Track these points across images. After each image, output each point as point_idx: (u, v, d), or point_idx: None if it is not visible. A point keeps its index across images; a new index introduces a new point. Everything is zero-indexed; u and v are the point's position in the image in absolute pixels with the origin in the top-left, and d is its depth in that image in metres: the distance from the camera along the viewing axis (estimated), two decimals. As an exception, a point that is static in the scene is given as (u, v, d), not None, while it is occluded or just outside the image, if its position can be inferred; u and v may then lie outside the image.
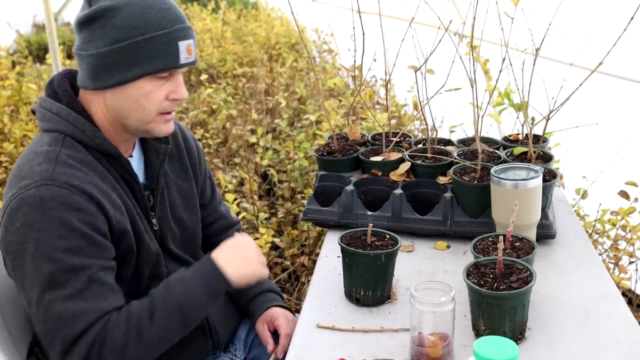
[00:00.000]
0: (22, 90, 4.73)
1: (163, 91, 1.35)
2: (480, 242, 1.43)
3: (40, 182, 1.24)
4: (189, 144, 1.61)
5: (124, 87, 1.32)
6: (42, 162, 1.28)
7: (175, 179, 1.55)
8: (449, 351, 1.22)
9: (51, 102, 1.37)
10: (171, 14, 1.33)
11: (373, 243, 1.44)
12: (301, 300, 2.74)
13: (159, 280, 1.45)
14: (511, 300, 1.22)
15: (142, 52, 1.29)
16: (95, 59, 1.30)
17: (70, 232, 1.23)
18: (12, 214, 1.24)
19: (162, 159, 1.49)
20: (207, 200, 1.69)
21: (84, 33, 1.32)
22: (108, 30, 1.29)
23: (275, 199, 3.52)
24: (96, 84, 1.33)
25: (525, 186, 1.51)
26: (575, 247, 1.66)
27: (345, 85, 4.92)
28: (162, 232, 1.49)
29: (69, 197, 1.24)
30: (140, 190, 1.42)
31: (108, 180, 1.35)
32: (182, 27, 1.33)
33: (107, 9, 1.29)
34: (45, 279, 1.22)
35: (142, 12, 1.29)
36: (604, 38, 1.76)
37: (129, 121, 1.36)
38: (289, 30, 7.93)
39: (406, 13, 1.94)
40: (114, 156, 1.37)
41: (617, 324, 1.33)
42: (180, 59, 1.33)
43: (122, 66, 1.30)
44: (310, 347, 1.30)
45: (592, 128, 1.99)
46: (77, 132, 1.34)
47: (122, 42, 1.28)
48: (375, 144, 2.03)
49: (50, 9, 3.30)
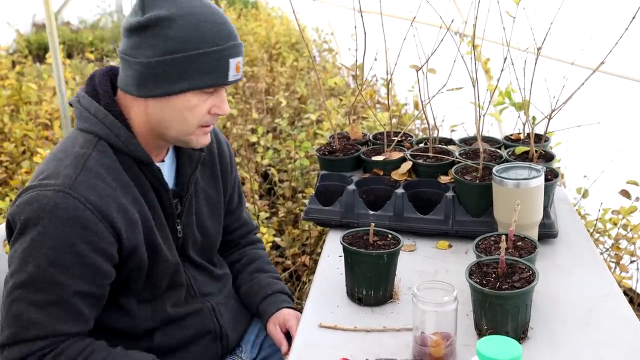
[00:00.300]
0: (22, 90, 4.74)
1: (206, 105, 1.33)
2: (483, 241, 1.43)
3: (60, 188, 1.24)
4: (222, 150, 1.60)
5: (170, 98, 1.30)
6: (69, 164, 1.28)
7: (205, 186, 1.54)
8: (451, 351, 1.22)
9: (90, 101, 1.35)
10: (225, 30, 1.30)
11: (375, 243, 1.44)
12: (302, 299, 2.74)
13: (178, 288, 1.46)
14: (514, 299, 1.22)
15: (193, 67, 1.27)
16: (144, 68, 1.28)
17: (66, 248, 1.23)
18: (24, 205, 1.24)
19: (194, 167, 1.48)
20: (234, 207, 1.69)
21: (133, 39, 1.29)
22: (161, 40, 1.26)
23: (276, 199, 3.52)
24: (141, 92, 1.31)
25: (527, 185, 1.51)
26: (577, 246, 1.66)
27: (346, 85, 4.92)
28: (185, 240, 1.49)
29: (81, 212, 1.24)
30: (169, 199, 1.42)
31: (131, 193, 1.33)
32: (235, 44, 1.31)
33: (161, 18, 1.26)
34: (24, 277, 1.23)
35: (198, 25, 1.27)
36: (606, 37, 1.76)
37: (169, 131, 1.35)
38: (289, 29, 7.92)
39: (407, 12, 1.94)
40: (146, 163, 1.36)
41: (619, 323, 1.33)
42: (229, 76, 1.31)
43: (171, 78, 1.28)
44: (312, 346, 1.30)
45: (593, 128, 1.99)
46: (112, 136, 1.32)
47: (175, 54, 1.26)
48: (376, 143, 2.03)
49: (51, 9, 3.30)
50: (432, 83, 1.89)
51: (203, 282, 1.55)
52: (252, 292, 1.64)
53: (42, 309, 1.24)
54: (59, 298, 1.25)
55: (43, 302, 1.24)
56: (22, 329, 1.24)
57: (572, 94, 1.70)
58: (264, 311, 1.61)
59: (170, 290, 1.46)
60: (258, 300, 1.62)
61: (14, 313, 1.24)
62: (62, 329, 1.26)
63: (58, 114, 4.51)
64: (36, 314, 1.24)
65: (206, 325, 1.51)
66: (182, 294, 1.49)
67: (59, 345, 1.26)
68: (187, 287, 1.50)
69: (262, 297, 1.62)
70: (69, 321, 1.27)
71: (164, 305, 1.45)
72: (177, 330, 1.45)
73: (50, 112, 4.58)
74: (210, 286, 1.56)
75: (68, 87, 4.59)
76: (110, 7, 11.25)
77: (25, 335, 1.24)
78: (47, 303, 1.24)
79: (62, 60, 3.83)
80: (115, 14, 11.11)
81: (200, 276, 1.54)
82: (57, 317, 1.25)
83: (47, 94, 4.85)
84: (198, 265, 1.54)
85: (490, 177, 1.65)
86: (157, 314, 1.44)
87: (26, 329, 1.24)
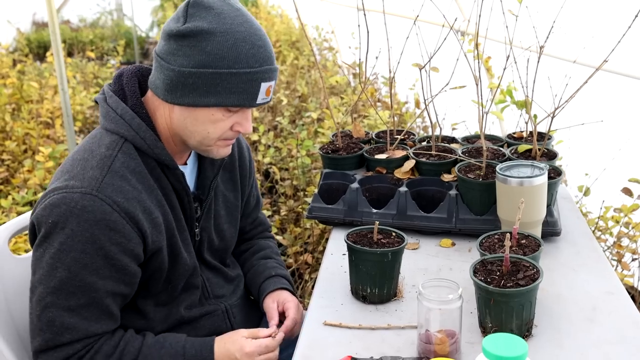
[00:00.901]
0: (23, 89, 4.74)
1: (230, 122, 1.34)
2: (486, 239, 1.44)
3: (87, 190, 1.24)
4: (243, 155, 1.61)
5: (195, 109, 1.30)
6: (95, 166, 1.28)
7: (224, 190, 1.55)
8: (456, 348, 1.22)
9: (117, 100, 1.35)
10: (262, 54, 1.29)
11: (379, 241, 1.45)
12: (304, 297, 2.74)
13: (193, 290, 1.48)
14: (518, 297, 1.22)
15: (222, 84, 1.27)
16: (176, 75, 1.28)
17: (96, 250, 1.24)
18: (51, 207, 1.24)
19: (216, 171, 1.48)
20: (251, 209, 1.71)
21: (171, 44, 1.28)
22: (197, 52, 1.25)
23: (277, 197, 3.52)
24: (168, 97, 1.31)
25: (531, 183, 1.51)
26: (580, 244, 1.67)
27: (347, 83, 4.92)
28: (202, 242, 1.50)
29: (108, 214, 1.24)
30: (190, 202, 1.42)
31: (155, 195, 1.34)
32: (269, 68, 1.30)
33: (202, 31, 1.25)
34: (55, 282, 1.24)
35: (235, 44, 1.26)
36: (608, 36, 1.77)
37: (190, 140, 1.35)
38: (290, 27, 7.92)
39: (410, 11, 1.94)
40: (170, 167, 1.36)
41: (623, 321, 1.33)
42: (257, 99, 1.31)
43: (200, 91, 1.27)
44: (317, 344, 1.31)
45: (595, 126, 1.99)
46: (138, 138, 1.33)
47: (207, 68, 1.26)
48: (379, 141, 2.03)
49: (53, 7, 3.30)
50: (434, 81, 1.89)
51: (217, 283, 1.55)
52: (256, 274, 1.65)
53: (75, 313, 1.25)
54: (90, 301, 1.26)
55: (75, 305, 1.25)
56: (56, 334, 1.25)
57: (574, 92, 1.70)
58: (264, 289, 1.61)
59: (186, 293, 1.47)
60: (261, 280, 1.63)
61: (47, 319, 1.25)
62: (96, 329, 1.28)
63: (59, 113, 4.52)
64: (70, 319, 1.25)
65: (219, 326, 1.52)
66: (196, 297, 1.50)
67: (93, 346, 1.28)
68: (201, 289, 1.51)
69: (266, 277, 1.63)
70: (102, 321, 1.29)
71: (178, 307, 1.46)
72: (190, 332, 1.46)
73: (52, 111, 4.59)
74: (224, 288, 1.57)
75: (69, 86, 4.59)
76: (110, 6, 11.25)
77: (60, 340, 1.26)
78: (80, 306, 1.26)
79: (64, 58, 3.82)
80: (114, 12, 11.11)
81: (214, 278, 1.55)
82: (90, 319, 1.27)
83: (49, 93, 4.86)
84: (212, 267, 1.55)
85: (493, 175, 1.66)
86: (172, 316, 1.45)
87: (60, 334, 1.25)
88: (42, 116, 4.50)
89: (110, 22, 10.76)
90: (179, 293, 1.46)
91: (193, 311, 1.49)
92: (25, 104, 4.58)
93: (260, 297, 1.61)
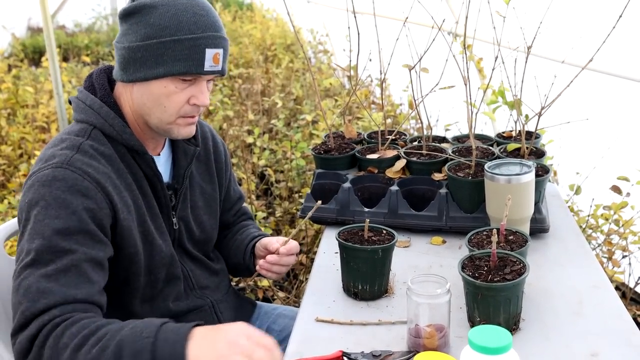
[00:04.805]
0: (18, 93, 4.76)
1: (185, 95, 1.37)
2: (475, 235, 1.47)
3: (57, 165, 1.29)
4: (218, 149, 1.66)
5: (149, 83, 1.36)
6: (64, 147, 1.33)
7: (200, 181, 1.59)
8: (445, 342, 1.25)
9: (87, 94, 1.42)
10: (205, 21, 1.35)
11: (370, 238, 1.47)
12: (300, 297, 2.77)
13: (175, 280, 1.49)
14: (505, 291, 1.25)
15: (167, 53, 1.32)
16: (127, 52, 1.35)
17: (69, 214, 1.25)
18: (26, 190, 1.29)
19: (189, 160, 1.53)
20: (233, 203, 1.76)
21: (123, 26, 1.37)
22: (142, 26, 1.33)
23: (272, 199, 3.54)
24: (124, 76, 1.37)
25: (519, 181, 1.54)
26: (568, 240, 1.69)
27: (341, 85, 4.95)
28: (181, 232, 1.53)
29: (79, 181, 1.28)
30: (163, 189, 1.46)
31: (124, 179, 1.38)
32: (213, 35, 1.35)
33: (145, 5, 1.34)
34: (33, 254, 1.22)
35: (176, 14, 1.33)
36: (594, 36, 1.80)
37: (150, 118, 1.40)
38: (284, 31, 7.95)
39: (400, 13, 1.97)
40: (139, 152, 1.40)
41: (609, 314, 1.36)
42: (204, 65, 1.34)
43: (149, 63, 1.33)
44: (309, 340, 1.33)
45: (584, 125, 2.02)
46: (107, 125, 1.38)
47: (151, 39, 1.32)
48: (371, 142, 2.06)
49: (48, 12, 3.32)
50: (426, 82, 1.92)
51: (201, 275, 1.58)
52: (240, 240, 1.69)
53: (52, 278, 1.21)
54: (68, 265, 1.22)
55: (52, 271, 1.21)
56: (32, 302, 1.19)
57: (561, 92, 1.73)
58: (250, 242, 1.65)
59: (168, 285, 1.49)
60: (248, 240, 1.66)
61: (24, 289, 1.20)
62: (75, 294, 1.21)
63: (55, 117, 4.53)
64: (47, 284, 1.20)
65: (207, 322, 1.53)
66: (180, 287, 1.52)
67: (73, 315, 1.20)
68: (185, 280, 1.53)
69: (252, 238, 1.67)
70: (79, 286, 1.22)
71: (165, 301, 1.48)
72: None
73: (47, 115, 4.60)
74: (208, 279, 1.60)
75: (64, 90, 4.60)
76: (105, 11, 11.25)
77: (36, 307, 1.19)
78: (57, 271, 1.21)
79: (59, 63, 3.85)
80: (110, 17, 11.11)
81: (197, 269, 1.58)
82: (67, 284, 1.21)
83: (44, 97, 4.87)
84: (195, 257, 1.58)
85: (482, 174, 1.69)
86: (159, 311, 1.47)
87: (36, 300, 1.19)
88: (37, 121, 4.51)
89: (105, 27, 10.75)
90: (162, 286, 1.47)
91: (180, 304, 1.51)
92: (21, 109, 4.60)
93: (246, 248, 1.65)
